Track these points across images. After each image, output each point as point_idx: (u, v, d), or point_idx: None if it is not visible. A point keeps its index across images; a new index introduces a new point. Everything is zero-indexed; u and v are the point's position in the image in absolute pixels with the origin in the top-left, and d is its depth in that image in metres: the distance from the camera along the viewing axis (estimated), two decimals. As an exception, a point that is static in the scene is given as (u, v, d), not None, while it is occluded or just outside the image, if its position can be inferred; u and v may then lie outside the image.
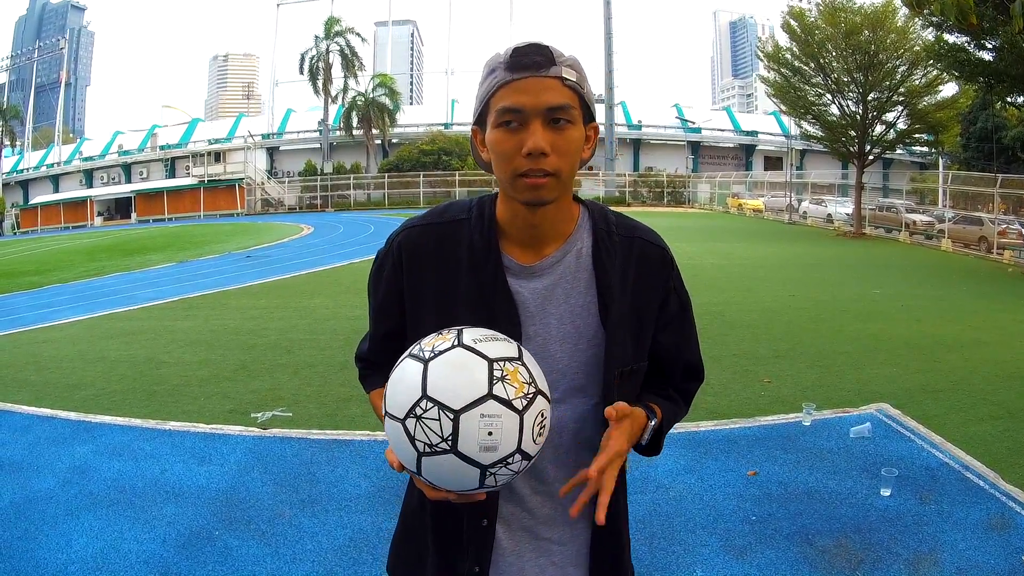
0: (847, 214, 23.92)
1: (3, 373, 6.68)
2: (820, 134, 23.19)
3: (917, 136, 22.34)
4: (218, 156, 45.01)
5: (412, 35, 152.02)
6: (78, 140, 63.11)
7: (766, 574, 2.95)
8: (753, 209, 32.50)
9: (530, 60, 1.08)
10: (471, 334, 1.02)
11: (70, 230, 41.00)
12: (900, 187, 29.83)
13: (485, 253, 1.17)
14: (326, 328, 8.29)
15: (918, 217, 21.43)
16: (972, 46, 14.76)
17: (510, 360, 1.00)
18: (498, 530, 1.21)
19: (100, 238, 28.98)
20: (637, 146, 49.54)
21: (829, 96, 21.94)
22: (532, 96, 1.07)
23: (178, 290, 11.97)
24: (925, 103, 20.32)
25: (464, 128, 45.80)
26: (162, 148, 50.04)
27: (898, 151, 32.10)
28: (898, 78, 20.05)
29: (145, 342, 7.83)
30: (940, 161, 32.63)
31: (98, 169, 50.47)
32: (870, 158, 22.12)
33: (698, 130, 50.06)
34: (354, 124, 44.43)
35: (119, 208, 46.24)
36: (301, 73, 44.90)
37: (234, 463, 4.23)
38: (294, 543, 3.25)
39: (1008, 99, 17.90)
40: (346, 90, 45.29)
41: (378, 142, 45.73)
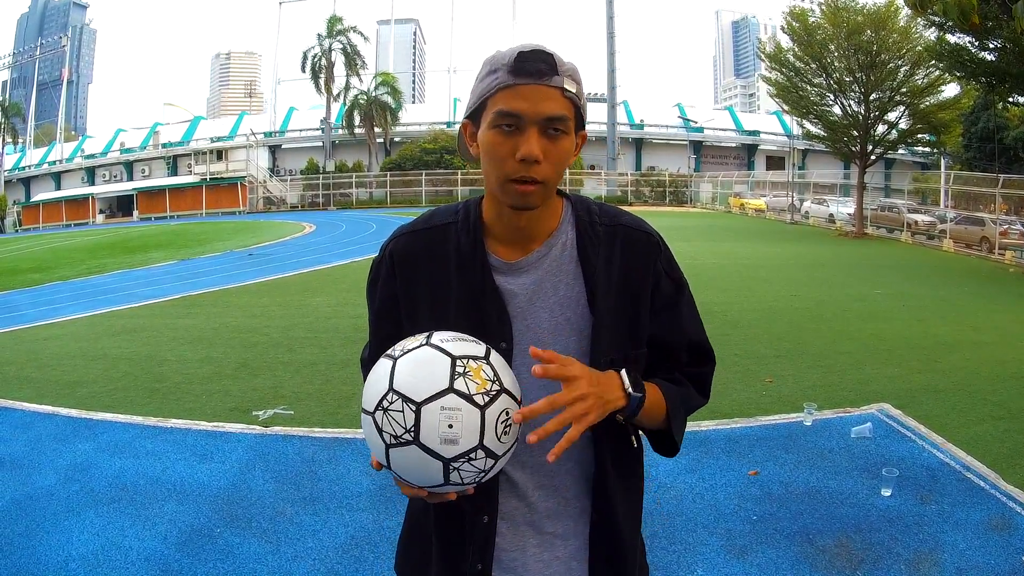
0: (849, 214, 23.89)
1: (4, 370, 6.69)
2: (822, 134, 23.15)
3: (919, 136, 22.31)
4: (220, 154, 45.00)
5: (414, 34, 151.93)
6: (80, 138, 63.20)
7: (767, 573, 2.95)
8: (755, 209, 32.48)
9: (533, 67, 1.09)
10: (440, 335, 1.07)
11: (72, 227, 41.06)
12: (902, 187, 29.73)
13: (471, 254, 1.19)
14: (328, 326, 8.29)
15: (920, 217, 21.38)
16: (974, 46, 14.73)
17: (474, 358, 1.03)
18: (500, 526, 1.21)
19: (102, 236, 29.01)
20: (639, 145, 49.52)
21: (831, 96, 21.91)
22: (532, 104, 1.08)
23: (180, 288, 11.99)
24: (927, 103, 20.29)
25: (466, 127, 45.74)
26: (164, 146, 50.08)
27: (900, 151, 32.09)
28: (900, 78, 20.01)
29: (146, 340, 7.84)
30: (942, 161, 32.58)
31: (100, 167, 50.54)
32: (872, 158, 22.08)
33: (700, 129, 50.04)
34: (356, 123, 44.44)
35: (121, 206, 46.27)
36: (303, 71, 45.02)
37: (235, 461, 4.24)
38: (295, 541, 3.26)
39: (1010, 99, 17.86)
40: (348, 88, 45.32)
41: (380, 141, 45.74)
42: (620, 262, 1.21)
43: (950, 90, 20.43)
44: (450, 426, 0.98)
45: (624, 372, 1.13)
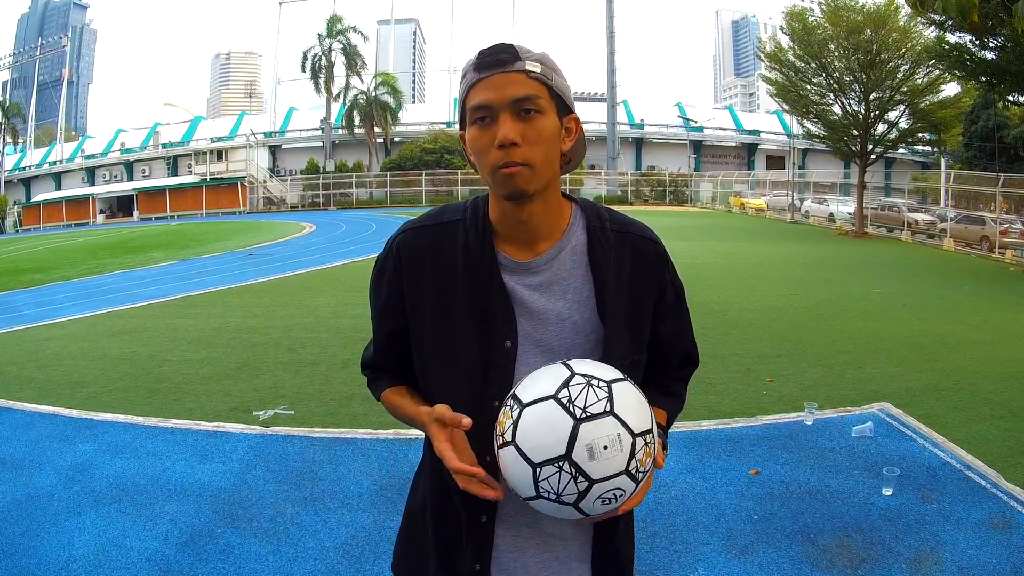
0: (849, 213, 23.90)
1: (5, 370, 6.69)
2: (822, 133, 23.17)
3: (919, 135, 22.30)
4: (220, 154, 45.02)
5: (414, 33, 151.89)
6: (80, 138, 63.22)
7: (768, 573, 2.95)
8: (755, 208, 32.49)
9: (494, 58, 1.12)
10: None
11: (72, 228, 41.07)
12: (902, 186, 29.71)
13: (480, 251, 1.19)
14: (328, 326, 8.29)
15: (920, 216, 21.38)
16: (974, 45, 14.73)
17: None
18: (498, 526, 1.21)
19: (102, 236, 29.01)
20: (639, 145, 49.54)
21: (831, 95, 21.92)
22: (497, 91, 1.10)
23: (180, 288, 11.98)
24: (927, 102, 20.29)
25: (466, 127, 45.75)
26: (164, 146, 50.11)
27: (900, 150, 32.05)
28: (900, 77, 20.01)
29: (147, 340, 7.84)
30: (942, 160, 32.54)
31: (100, 167, 50.59)
32: (872, 157, 22.09)
33: (700, 129, 50.03)
34: (356, 123, 44.47)
35: (121, 206, 46.32)
36: (303, 71, 45.03)
37: (236, 461, 4.24)
38: (296, 541, 3.26)
39: (1010, 98, 17.85)
40: (348, 88, 45.35)
41: (380, 140, 45.76)
42: (629, 269, 1.22)
43: (950, 89, 20.47)
44: (605, 447, 1.00)
45: (663, 440, 1.23)
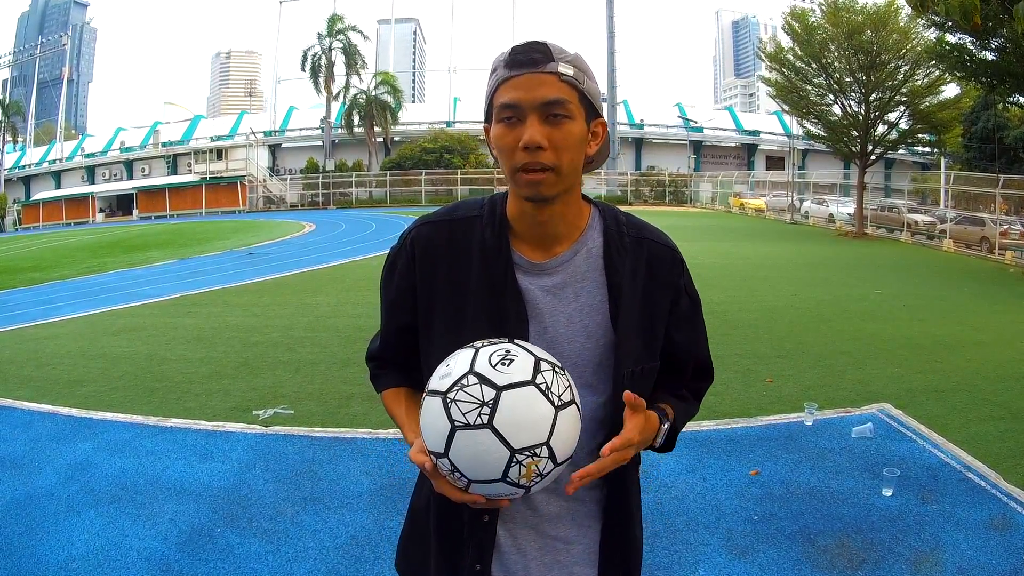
0: (849, 214, 23.88)
1: (4, 369, 6.68)
2: (822, 134, 23.14)
3: (919, 136, 22.30)
4: (220, 153, 44.99)
5: (414, 33, 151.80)
6: (80, 136, 63.19)
7: (768, 573, 2.95)
8: (755, 209, 32.47)
9: (527, 57, 1.10)
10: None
11: (72, 226, 41.03)
12: (902, 187, 29.75)
13: (496, 250, 1.18)
14: (328, 326, 8.28)
15: (920, 217, 21.37)
16: (975, 46, 14.72)
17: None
18: (500, 527, 1.21)
19: (102, 234, 28.99)
20: (639, 145, 49.53)
21: (831, 96, 21.91)
22: (527, 91, 1.09)
23: (180, 287, 11.98)
24: (927, 103, 20.28)
25: (466, 126, 45.83)
26: (164, 145, 50.08)
27: (900, 151, 32.08)
28: (900, 78, 20.01)
29: (146, 339, 7.83)
30: (942, 161, 32.57)
31: (100, 165, 50.52)
32: (872, 158, 22.08)
33: (700, 129, 50.04)
34: (356, 122, 44.44)
35: (121, 205, 46.28)
36: (303, 70, 44.98)
37: (236, 460, 4.24)
38: (296, 541, 3.25)
39: (1010, 99, 17.84)
40: (348, 88, 45.30)
41: (380, 140, 45.73)
42: (644, 276, 1.21)
43: (950, 90, 20.45)
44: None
45: (666, 425, 1.21)
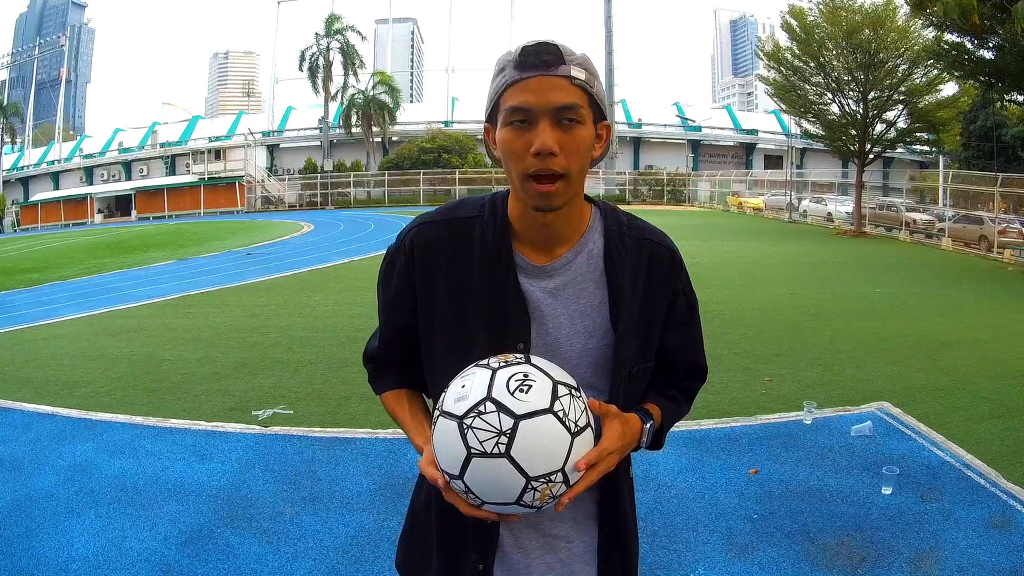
0: (847, 213, 23.90)
1: (3, 370, 6.68)
2: (820, 133, 23.17)
3: (917, 135, 22.32)
4: (218, 153, 44.99)
5: (412, 33, 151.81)
6: (78, 137, 63.15)
7: (768, 572, 2.95)
8: (753, 208, 32.50)
9: (538, 59, 1.08)
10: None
11: (70, 227, 41.00)
12: (900, 186, 29.74)
13: (497, 252, 1.18)
14: (327, 326, 8.27)
15: (918, 216, 21.39)
16: (973, 44, 14.73)
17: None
18: (502, 527, 1.21)
19: (100, 235, 28.97)
20: (637, 144, 49.52)
21: (829, 95, 21.93)
22: (539, 95, 1.07)
23: (178, 287, 11.98)
24: (926, 102, 20.30)
25: (464, 126, 45.80)
26: (162, 145, 50.01)
27: (898, 150, 32.07)
28: (899, 77, 20.03)
29: (146, 339, 7.83)
30: (940, 160, 32.60)
31: (98, 166, 50.49)
32: (870, 157, 22.09)
33: (698, 128, 50.04)
34: (354, 122, 44.41)
35: (119, 205, 46.26)
36: (301, 71, 44.95)
37: (235, 461, 4.23)
38: (295, 541, 3.25)
39: (1008, 97, 17.87)
40: (346, 88, 45.27)
41: (378, 140, 45.70)
42: (644, 277, 1.21)
43: (948, 88, 20.48)
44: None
45: (649, 425, 1.20)
